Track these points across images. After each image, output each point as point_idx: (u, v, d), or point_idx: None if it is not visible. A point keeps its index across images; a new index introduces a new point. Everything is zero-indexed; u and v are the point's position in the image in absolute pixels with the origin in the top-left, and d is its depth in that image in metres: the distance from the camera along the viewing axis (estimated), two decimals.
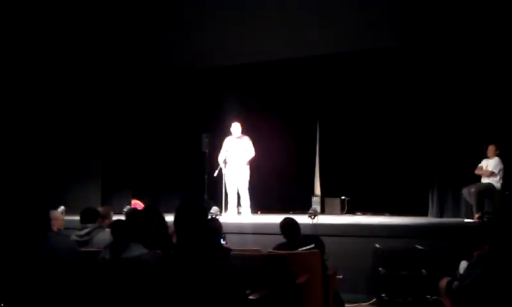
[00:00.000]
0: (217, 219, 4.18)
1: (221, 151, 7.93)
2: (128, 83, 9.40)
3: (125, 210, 6.97)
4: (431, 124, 8.14)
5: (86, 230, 4.28)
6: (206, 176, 8.14)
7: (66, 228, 4.93)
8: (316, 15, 7.93)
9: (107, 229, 4.42)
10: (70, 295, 2.79)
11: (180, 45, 8.68)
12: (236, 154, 7.80)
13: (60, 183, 8.51)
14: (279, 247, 4.42)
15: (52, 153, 8.69)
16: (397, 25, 7.72)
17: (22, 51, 8.22)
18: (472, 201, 6.95)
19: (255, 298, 3.11)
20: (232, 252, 3.47)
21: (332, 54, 8.72)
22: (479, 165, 7.11)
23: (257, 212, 8.64)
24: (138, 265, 2.88)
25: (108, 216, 4.73)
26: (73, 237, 4.24)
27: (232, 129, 7.93)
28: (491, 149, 7.03)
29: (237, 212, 7.85)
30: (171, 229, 3.23)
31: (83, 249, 3.87)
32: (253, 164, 7.89)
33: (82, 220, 4.44)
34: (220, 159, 7.88)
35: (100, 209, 4.80)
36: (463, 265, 3.75)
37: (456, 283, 3.50)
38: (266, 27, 8.14)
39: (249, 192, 7.81)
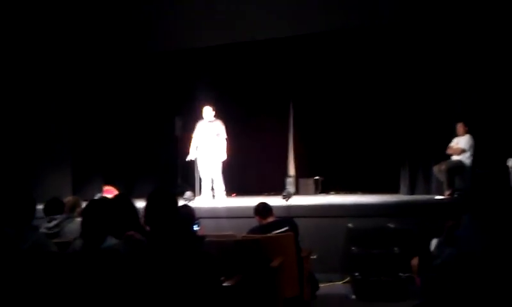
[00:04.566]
0: (189, 206, 4.12)
1: (193, 137, 7.78)
2: (98, 66, 9.18)
3: (96, 197, 6.84)
4: (402, 103, 8.19)
5: (55, 222, 4.17)
6: (179, 160, 8.05)
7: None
8: None
9: (77, 219, 4.34)
10: (40, 289, 2.72)
11: (151, 27, 8.51)
12: (208, 139, 7.70)
13: (28, 173, 8.26)
14: (253, 230, 4.44)
15: (19, 141, 8.44)
16: (367, 6, 7.74)
17: None
18: (442, 178, 7.06)
19: (229, 285, 3.10)
20: (206, 238, 3.45)
21: (304, 34, 8.68)
22: (450, 144, 7.21)
23: (232, 195, 8.62)
24: (109, 255, 2.84)
25: (78, 205, 4.62)
26: (42, 230, 4.12)
27: (203, 113, 7.82)
28: (460, 127, 7.12)
29: (212, 196, 7.80)
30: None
31: (54, 241, 3.79)
32: (227, 148, 7.73)
33: (46, 212, 4.31)
34: (193, 146, 7.68)
35: (69, 198, 4.68)
36: (434, 243, 3.80)
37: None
38: (238, 9, 8.04)
39: (222, 176, 7.76)
